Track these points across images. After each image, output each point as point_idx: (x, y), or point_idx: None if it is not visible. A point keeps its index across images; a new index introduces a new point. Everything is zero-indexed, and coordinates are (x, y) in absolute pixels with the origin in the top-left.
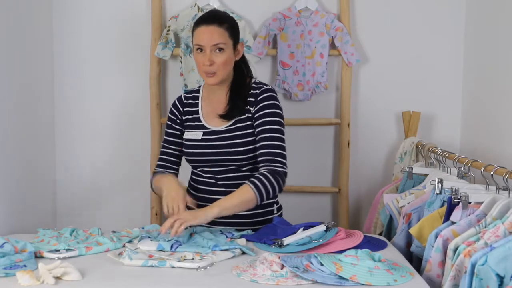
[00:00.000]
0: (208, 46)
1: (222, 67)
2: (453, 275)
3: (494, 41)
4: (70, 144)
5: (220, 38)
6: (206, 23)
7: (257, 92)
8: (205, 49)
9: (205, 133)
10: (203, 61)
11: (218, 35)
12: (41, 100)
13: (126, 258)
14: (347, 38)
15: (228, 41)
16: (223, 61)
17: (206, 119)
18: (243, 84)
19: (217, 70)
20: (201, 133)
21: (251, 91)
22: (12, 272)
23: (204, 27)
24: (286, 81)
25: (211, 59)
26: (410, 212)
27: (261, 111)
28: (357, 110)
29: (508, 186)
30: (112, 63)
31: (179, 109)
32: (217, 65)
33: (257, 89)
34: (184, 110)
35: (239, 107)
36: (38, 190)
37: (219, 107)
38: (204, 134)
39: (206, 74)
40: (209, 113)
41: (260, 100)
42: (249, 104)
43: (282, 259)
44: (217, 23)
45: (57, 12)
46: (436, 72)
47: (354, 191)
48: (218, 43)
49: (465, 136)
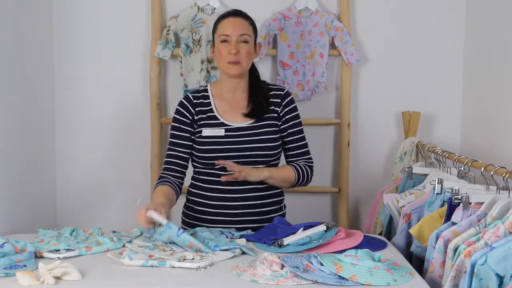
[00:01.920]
0: (235, 36)
1: (246, 58)
2: (453, 275)
3: (494, 41)
4: (70, 144)
5: (246, 29)
6: (233, 16)
7: (281, 94)
8: (232, 39)
9: (227, 130)
10: (228, 49)
11: (245, 25)
12: (41, 100)
13: (126, 258)
14: (347, 38)
15: (252, 35)
16: (247, 52)
17: (224, 117)
18: (260, 84)
19: (241, 60)
20: (223, 129)
21: (273, 92)
22: (12, 272)
23: (231, 18)
24: (286, 81)
25: (237, 47)
26: (410, 212)
27: (290, 114)
28: (357, 110)
29: (508, 186)
30: (112, 63)
31: (190, 110)
32: (242, 55)
33: (280, 91)
34: (196, 110)
35: (263, 106)
36: (38, 190)
37: (238, 105)
38: (227, 130)
39: (230, 63)
40: (227, 111)
41: (287, 103)
42: (274, 104)
43: (282, 259)
44: (243, 16)
45: (57, 12)
46: (436, 72)
47: (354, 191)
48: (244, 33)
49: (465, 136)
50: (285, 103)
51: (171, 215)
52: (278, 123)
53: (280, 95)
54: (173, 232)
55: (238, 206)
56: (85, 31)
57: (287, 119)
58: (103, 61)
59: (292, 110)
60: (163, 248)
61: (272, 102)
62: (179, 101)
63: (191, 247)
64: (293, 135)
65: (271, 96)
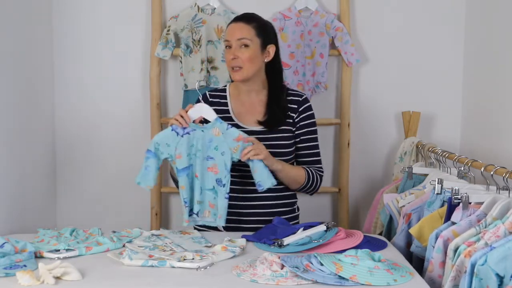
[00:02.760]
0: (234, 41)
1: (248, 63)
2: (453, 276)
3: (494, 41)
4: (70, 144)
5: (244, 33)
6: (235, 21)
7: (299, 100)
8: (231, 44)
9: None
10: (229, 56)
11: (243, 30)
12: (41, 100)
13: (126, 258)
14: (347, 38)
15: (254, 39)
16: (247, 57)
17: (239, 118)
18: (281, 93)
19: (242, 65)
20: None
21: (291, 97)
22: (12, 272)
23: (233, 23)
24: (286, 81)
25: (235, 53)
26: (410, 212)
27: (305, 121)
28: (357, 110)
29: (508, 186)
30: (112, 63)
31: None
32: (241, 60)
33: (297, 97)
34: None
35: (279, 119)
36: (38, 190)
37: (254, 109)
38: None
39: (232, 69)
40: (242, 113)
41: (304, 110)
42: (291, 110)
43: (282, 259)
44: (245, 21)
45: (57, 12)
46: (436, 72)
47: (354, 191)
48: (242, 38)
49: (465, 136)
50: (301, 109)
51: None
52: (293, 129)
53: (298, 101)
54: (222, 126)
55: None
56: (85, 31)
57: (302, 125)
58: (103, 61)
59: (309, 117)
60: (163, 248)
61: (289, 107)
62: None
63: (239, 140)
64: (306, 142)
65: (288, 101)
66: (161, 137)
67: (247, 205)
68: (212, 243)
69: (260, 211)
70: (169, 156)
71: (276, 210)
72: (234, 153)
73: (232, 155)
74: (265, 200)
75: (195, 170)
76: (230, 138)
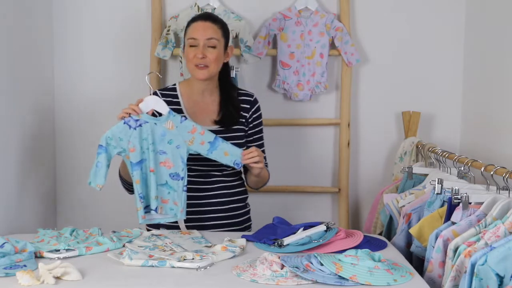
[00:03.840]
0: (202, 40)
1: (214, 63)
2: (453, 276)
3: (494, 41)
4: (70, 144)
5: (214, 33)
6: (202, 19)
7: (250, 100)
8: (199, 43)
9: None
10: (195, 53)
11: (212, 30)
12: (41, 100)
13: (126, 258)
14: (347, 38)
15: (221, 39)
16: (215, 57)
17: (193, 118)
18: (232, 91)
19: (209, 64)
20: None
21: (243, 97)
22: (12, 272)
23: (200, 22)
24: (286, 81)
25: (204, 52)
26: (410, 212)
27: (257, 120)
28: (357, 110)
29: (508, 186)
30: (112, 63)
31: None
32: (209, 59)
33: (249, 96)
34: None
35: (234, 117)
36: (38, 190)
37: (207, 109)
38: None
39: (197, 67)
40: (196, 113)
41: (256, 110)
42: (243, 110)
43: (282, 259)
44: (212, 20)
45: (57, 12)
46: (436, 72)
47: (354, 191)
48: (212, 38)
49: (465, 136)
50: (254, 109)
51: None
52: (245, 128)
53: (249, 101)
54: (176, 119)
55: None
56: (85, 31)
57: (255, 124)
58: (103, 61)
59: (259, 116)
60: (163, 248)
61: (243, 108)
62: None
63: (194, 132)
64: (258, 140)
65: (240, 101)
66: (114, 131)
67: (205, 196)
68: (212, 243)
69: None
70: (122, 150)
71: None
72: (190, 145)
73: (188, 147)
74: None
75: (149, 165)
76: (184, 130)
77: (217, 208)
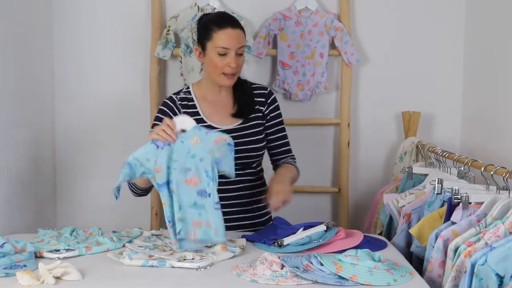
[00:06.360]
0: (234, 49)
1: (240, 69)
2: (453, 276)
3: (494, 41)
4: (70, 144)
5: (243, 40)
6: (232, 26)
7: (265, 93)
8: (231, 52)
9: None
10: (227, 62)
11: (242, 37)
12: (41, 100)
13: (126, 258)
14: (347, 38)
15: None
16: (242, 63)
17: (211, 119)
18: (243, 84)
19: (237, 71)
20: None
21: (257, 91)
22: (12, 272)
23: (230, 30)
24: (286, 81)
25: (237, 61)
26: (410, 212)
27: (274, 112)
28: (357, 110)
29: (508, 186)
30: (112, 63)
31: (175, 111)
32: (238, 67)
33: (263, 90)
34: (182, 112)
35: (250, 106)
36: (38, 190)
37: (223, 107)
38: None
39: (225, 75)
40: (213, 113)
41: (272, 102)
42: (259, 103)
43: (282, 259)
44: (240, 27)
45: (57, 12)
46: (436, 72)
47: (354, 191)
48: (242, 46)
49: (465, 136)
50: (270, 101)
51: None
52: (263, 121)
53: (264, 94)
54: (201, 133)
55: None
56: (85, 32)
57: (272, 117)
58: (103, 61)
59: (276, 108)
60: (163, 248)
61: (258, 101)
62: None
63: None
64: (278, 132)
65: (255, 95)
66: (141, 152)
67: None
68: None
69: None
70: (148, 172)
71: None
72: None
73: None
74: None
75: (172, 186)
76: (209, 142)
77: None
